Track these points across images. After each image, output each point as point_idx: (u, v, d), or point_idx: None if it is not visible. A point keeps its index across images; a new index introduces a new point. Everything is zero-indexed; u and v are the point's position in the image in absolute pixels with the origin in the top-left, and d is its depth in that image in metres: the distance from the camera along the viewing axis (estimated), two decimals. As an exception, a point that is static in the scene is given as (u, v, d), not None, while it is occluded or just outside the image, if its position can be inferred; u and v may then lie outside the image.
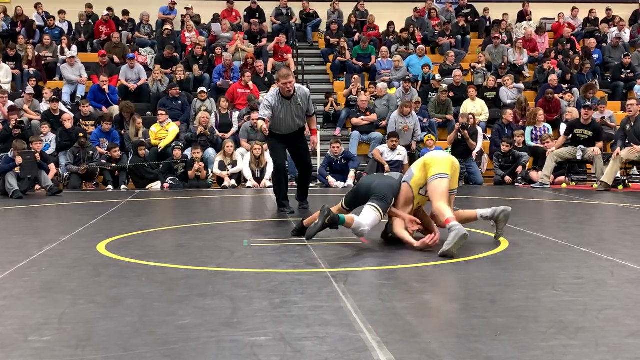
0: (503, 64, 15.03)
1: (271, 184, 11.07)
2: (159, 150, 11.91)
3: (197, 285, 4.06)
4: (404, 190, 5.41)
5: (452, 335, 3.00)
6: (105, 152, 11.71)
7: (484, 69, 14.94)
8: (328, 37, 16.40)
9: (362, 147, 12.90)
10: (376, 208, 5.27)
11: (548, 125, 12.72)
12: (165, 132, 12.25)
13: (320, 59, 16.43)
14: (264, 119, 7.40)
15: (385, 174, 5.80)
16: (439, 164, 5.31)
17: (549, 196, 9.80)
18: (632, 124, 10.46)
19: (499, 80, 14.41)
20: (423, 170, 5.36)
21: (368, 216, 5.24)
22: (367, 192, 5.42)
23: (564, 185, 11.22)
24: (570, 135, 11.14)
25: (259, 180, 11.42)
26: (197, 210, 8.57)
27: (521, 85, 14.42)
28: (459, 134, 11.45)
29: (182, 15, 16.82)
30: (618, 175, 10.67)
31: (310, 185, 10.77)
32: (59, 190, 10.30)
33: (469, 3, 18.00)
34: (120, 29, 16.28)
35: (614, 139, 11.46)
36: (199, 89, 13.39)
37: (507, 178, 11.60)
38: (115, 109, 13.17)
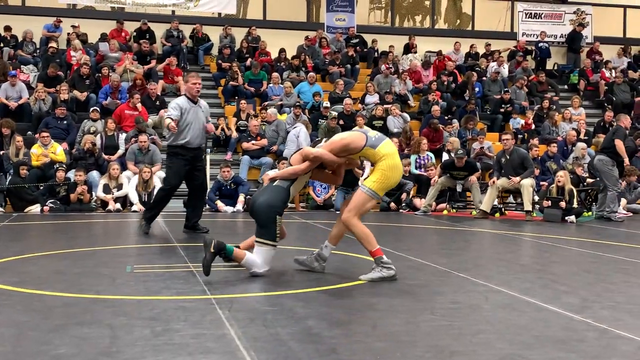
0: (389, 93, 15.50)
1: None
2: (42, 166, 11.44)
3: (75, 313, 3.93)
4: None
5: (333, 360, 3.05)
6: (-20, 172, 11.15)
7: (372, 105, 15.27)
8: (220, 62, 16.37)
9: (252, 171, 12.91)
10: (262, 243, 5.04)
11: (431, 154, 13.21)
12: (51, 153, 11.78)
13: (211, 82, 16.36)
14: (171, 118, 7.43)
15: (274, 184, 5.21)
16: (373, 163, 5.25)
17: (431, 223, 10.14)
18: (507, 157, 11.02)
19: (387, 107, 14.86)
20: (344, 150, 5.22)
21: (258, 255, 5.06)
22: (252, 215, 5.18)
23: (445, 212, 11.64)
24: (448, 174, 11.63)
25: (145, 204, 11.17)
26: (78, 234, 8.29)
27: (407, 116, 14.89)
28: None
29: (67, 34, 16.32)
30: (495, 203, 11.19)
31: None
32: None
33: (357, 34, 18.48)
34: (2, 45, 15.61)
35: (492, 169, 12.02)
36: (91, 109, 13.02)
37: (392, 205, 11.91)
38: (-7, 128, 12.55)
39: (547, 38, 19.75)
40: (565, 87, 18.89)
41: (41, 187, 11.18)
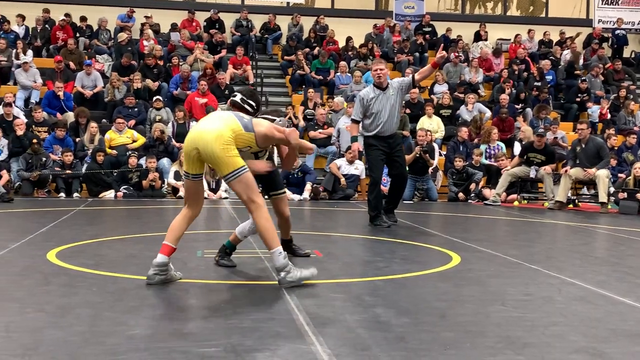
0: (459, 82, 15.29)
1: (227, 196, 11.10)
2: (118, 157, 11.79)
3: (148, 295, 4.02)
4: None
5: (402, 348, 3.03)
6: (59, 158, 11.52)
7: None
8: (286, 50, 16.45)
9: (318, 160, 12.94)
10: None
11: (502, 144, 12.96)
12: (125, 138, 12.16)
13: (279, 71, 16.46)
14: (353, 119, 7.62)
15: None
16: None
17: (501, 214, 9.96)
18: (583, 146, 10.72)
19: (460, 95, 14.66)
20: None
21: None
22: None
23: (515, 203, 11.42)
24: (525, 157, 11.38)
25: (214, 191, 11.37)
26: (150, 220, 8.48)
27: (484, 108, 14.60)
28: (417, 154, 11.53)
29: (141, 24, 16.68)
30: (568, 194, 10.91)
31: (266, 198, 10.75)
32: (9, 199, 10.09)
33: (430, 22, 18.25)
34: (78, 35, 16.07)
35: (565, 159, 11.71)
36: (154, 98, 13.30)
37: (461, 195, 11.75)
38: (69, 116, 12.97)
39: (624, 25, 19.04)
40: (643, 75, 18.25)
41: (115, 174, 11.50)
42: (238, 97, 4.68)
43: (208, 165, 4.45)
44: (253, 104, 4.67)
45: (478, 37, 18.27)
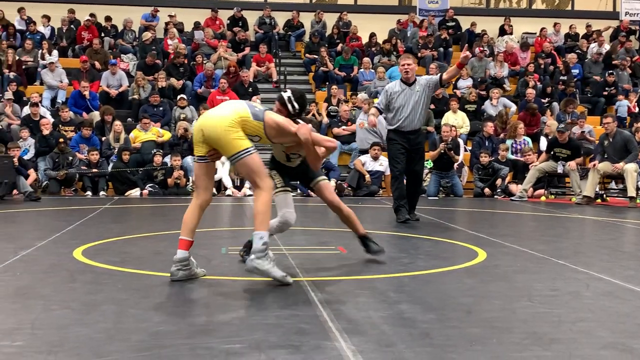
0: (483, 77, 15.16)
1: (251, 193, 11.11)
2: (141, 150, 11.87)
3: (173, 292, 4.04)
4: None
5: (427, 345, 3.00)
6: (85, 157, 11.64)
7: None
8: (309, 47, 16.42)
9: (342, 157, 12.92)
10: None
11: (528, 139, 12.83)
12: (151, 135, 12.25)
13: (302, 68, 16.45)
14: (376, 107, 7.54)
15: None
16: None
17: (528, 209, 9.86)
18: (610, 140, 10.57)
19: (482, 93, 14.53)
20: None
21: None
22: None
23: (542, 198, 11.30)
24: (551, 153, 11.26)
25: (238, 188, 11.40)
26: (175, 217, 8.51)
27: (509, 102, 14.46)
28: (441, 151, 11.43)
29: (165, 23, 16.77)
30: (596, 189, 10.77)
31: (292, 194, 10.73)
32: (37, 197, 10.20)
33: (454, 16, 18.12)
34: (103, 35, 16.20)
35: (593, 153, 11.57)
36: (179, 97, 13.37)
37: (487, 190, 11.65)
38: (95, 115, 13.09)
39: (652, 17, 18.79)
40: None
41: (140, 172, 11.58)
42: (286, 95, 4.72)
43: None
44: (297, 106, 4.66)
45: (503, 31, 18.10)
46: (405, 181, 7.78)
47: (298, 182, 5.41)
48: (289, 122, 4.42)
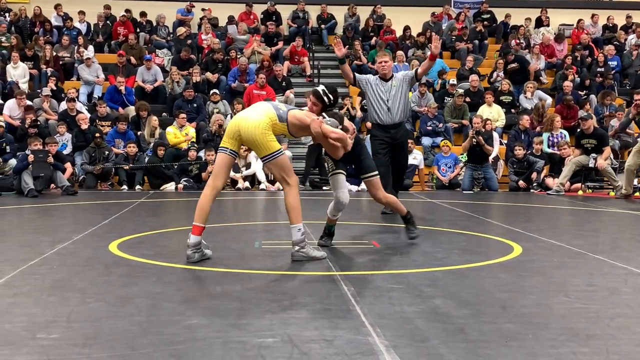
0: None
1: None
2: (180, 149, 11.95)
3: (206, 286, 4.06)
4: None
5: (461, 340, 2.97)
6: (122, 151, 11.76)
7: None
8: (342, 40, 16.33)
9: (376, 151, 12.83)
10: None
11: (565, 132, 12.62)
12: (183, 136, 12.29)
13: (336, 62, 16.36)
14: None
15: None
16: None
17: (564, 203, 9.72)
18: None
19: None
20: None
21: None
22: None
23: (580, 192, 11.12)
24: (581, 145, 11.10)
25: (272, 182, 11.43)
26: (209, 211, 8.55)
27: (544, 95, 14.24)
28: (473, 140, 11.34)
29: (200, 18, 16.86)
30: (635, 182, 10.57)
31: (324, 188, 10.66)
32: (74, 191, 10.35)
33: (489, 8, 17.90)
34: (138, 30, 16.35)
35: (631, 147, 11.35)
36: (212, 91, 13.43)
37: (522, 183, 11.50)
38: (131, 110, 13.23)
39: (694, 7, 18.33)
40: None
41: (175, 166, 11.67)
42: (321, 88, 5.08)
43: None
44: (332, 97, 5.03)
45: (539, 22, 17.83)
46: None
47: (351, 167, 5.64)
48: (307, 114, 4.83)
